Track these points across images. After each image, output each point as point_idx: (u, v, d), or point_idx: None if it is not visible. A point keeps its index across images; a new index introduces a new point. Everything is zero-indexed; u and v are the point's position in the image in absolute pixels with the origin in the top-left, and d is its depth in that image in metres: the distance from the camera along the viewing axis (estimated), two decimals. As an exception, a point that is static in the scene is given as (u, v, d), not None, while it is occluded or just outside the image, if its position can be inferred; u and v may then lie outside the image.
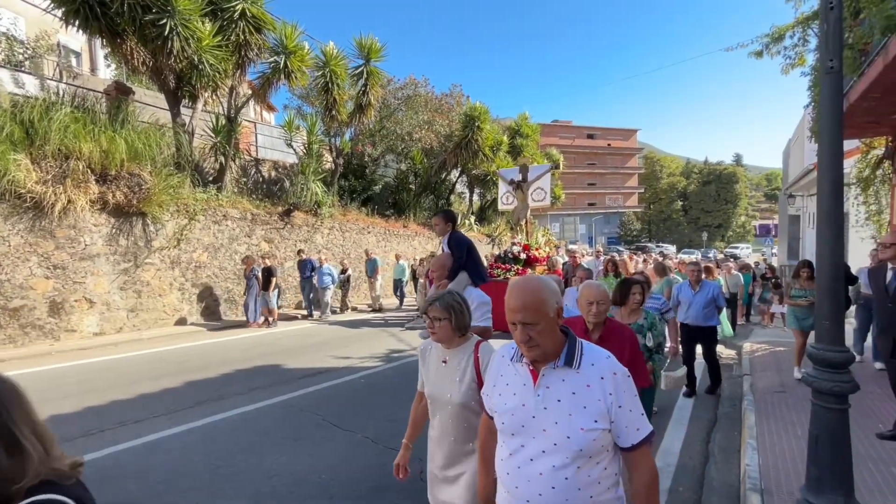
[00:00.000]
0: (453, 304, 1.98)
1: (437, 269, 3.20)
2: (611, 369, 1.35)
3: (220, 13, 10.00)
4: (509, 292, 1.37)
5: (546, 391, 1.35)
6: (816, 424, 2.65)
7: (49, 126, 7.59)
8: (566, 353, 1.37)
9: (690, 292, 5.57)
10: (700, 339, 5.55)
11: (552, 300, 1.35)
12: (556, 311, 1.35)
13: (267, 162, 14.01)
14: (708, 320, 5.44)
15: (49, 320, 7.59)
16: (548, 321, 1.33)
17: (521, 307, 1.32)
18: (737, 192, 56.48)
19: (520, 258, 10.65)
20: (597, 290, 2.55)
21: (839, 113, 2.55)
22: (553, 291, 1.37)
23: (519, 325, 1.32)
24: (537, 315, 1.31)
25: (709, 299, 5.43)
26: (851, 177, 7.86)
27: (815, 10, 6.14)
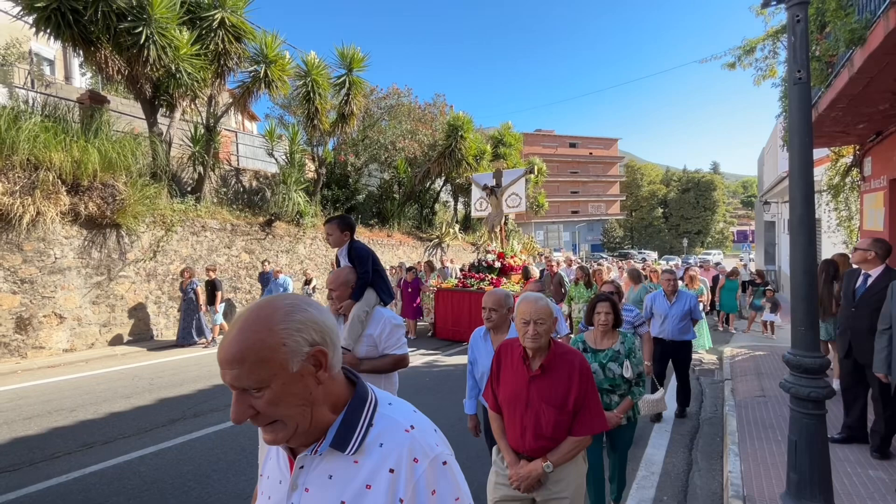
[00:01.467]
0: None
1: (338, 286, 2.58)
2: (410, 454, 0.81)
3: (198, 22, 9.87)
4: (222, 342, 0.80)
5: (303, 498, 0.84)
6: (795, 430, 2.67)
7: (17, 136, 7.33)
8: (337, 429, 0.83)
9: (666, 304, 5.03)
10: (674, 356, 5.01)
11: (295, 338, 0.78)
12: (307, 358, 0.79)
13: (248, 171, 13.81)
14: (684, 334, 4.95)
15: (15, 337, 7.27)
16: (285, 378, 0.78)
17: (230, 359, 0.76)
18: (715, 199, 57.92)
19: (494, 266, 10.20)
20: (534, 306, 2.00)
21: (808, 123, 2.61)
22: (298, 325, 0.80)
23: (234, 392, 0.78)
24: (259, 371, 0.76)
25: (685, 311, 4.93)
26: (822, 184, 8.11)
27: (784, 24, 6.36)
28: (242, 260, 11.09)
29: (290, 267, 12.23)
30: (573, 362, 2.03)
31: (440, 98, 20.42)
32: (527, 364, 2.06)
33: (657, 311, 5.08)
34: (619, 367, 2.82)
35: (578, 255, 38.37)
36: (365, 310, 2.56)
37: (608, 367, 2.83)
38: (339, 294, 2.59)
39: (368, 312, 2.57)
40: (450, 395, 5.69)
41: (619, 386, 2.84)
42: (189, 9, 9.76)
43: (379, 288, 2.71)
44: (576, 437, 2.00)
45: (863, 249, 3.78)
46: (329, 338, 0.84)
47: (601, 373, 2.82)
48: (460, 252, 18.63)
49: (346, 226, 2.82)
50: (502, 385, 2.13)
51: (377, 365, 2.48)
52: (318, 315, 0.84)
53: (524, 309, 2.02)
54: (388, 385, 2.59)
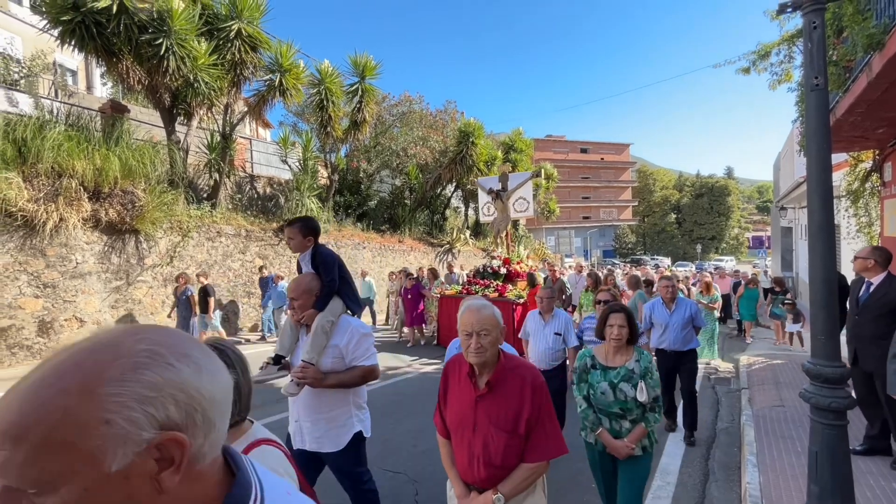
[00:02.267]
0: None
1: (300, 294, 2.38)
2: None
3: (215, 33, 10.11)
4: None
5: None
6: (815, 441, 2.62)
7: (42, 144, 7.57)
8: None
9: (665, 312, 4.75)
10: (679, 367, 4.71)
11: (130, 415, 0.49)
12: (146, 451, 0.50)
13: (262, 178, 14.03)
14: (687, 343, 4.67)
15: (38, 340, 7.45)
16: (90, 481, 0.47)
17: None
18: (729, 204, 57.06)
19: (500, 273, 9.88)
20: (476, 315, 1.76)
21: (826, 129, 2.58)
22: (146, 392, 0.50)
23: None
24: (45, 462, 0.46)
25: (686, 319, 4.66)
26: (841, 189, 7.96)
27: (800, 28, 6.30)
28: (256, 265, 11.23)
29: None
30: (524, 377, 1.78)
31: (451, 104, 20.56)
32: (473, 382, 1.81)
33: (657, 320, 4.82)
34: (633, 389, 2.49)
35: (590, 261, 38.10)
36: (330, 320, 2.38)
37: (619, 387, 2.52)
38: (302, 303, 2.39)
39: (334, 322, 2.39)
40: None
41: (630, 410, 2.50)
42: (207, 20, 10.02)
43: (345, 296, 2.52)
44: (529, 463, 1.75)
45: (862, 258, 3.83)
46: (201, 415, 0.53)
47: (611, 394, 2.52)
48: (471, 258, 18.62)
49: (308, 229, 2.56)
50: (449, 406, 1.91)
51: (344, 378, 2.34)
52: (190, 375, 0.53)
53: (466, 319, 1.78)
54: (356, 399, 2.49)
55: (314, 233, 2.58)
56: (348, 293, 2.55)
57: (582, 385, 2.66)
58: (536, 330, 4.31)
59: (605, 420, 2.58)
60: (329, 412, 2.38)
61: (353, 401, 2.47)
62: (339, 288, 2.50)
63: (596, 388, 2.57)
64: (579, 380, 2.68)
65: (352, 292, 2.59)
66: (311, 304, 2.39)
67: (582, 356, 2.72)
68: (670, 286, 4.82)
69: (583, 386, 2.66)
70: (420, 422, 5.09)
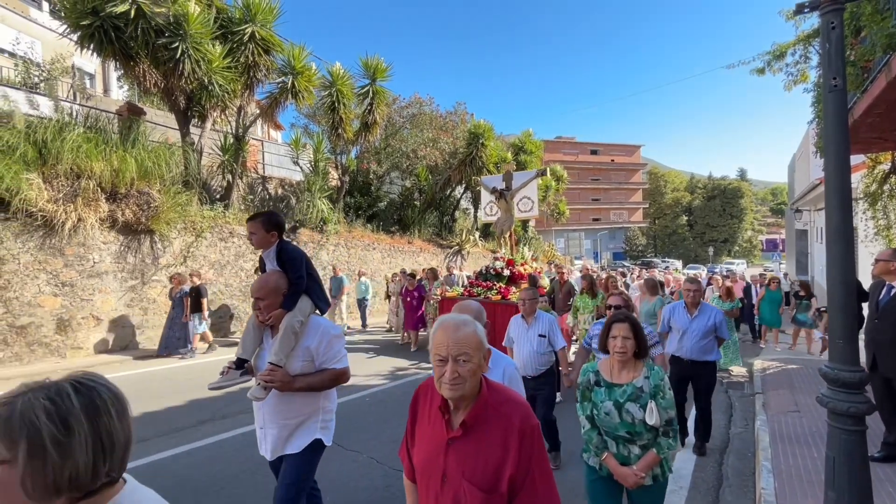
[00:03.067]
0: None
1: (266, 293, 2.23)
2: None
3: (230, 36, 10.27)
4: None
5: None
6: (833, 446, 2.57)
7: (62, 146, 7.75)
8: None
9: (686, 317, 4.34)
10: (695, 379, 4.32)
11: None
12: None
13: (274, 179, 14.18)
14: (706, 354, 4.24)
15: (56, 338, 7.62)
16: None
17: None
18: (742, 206, 56.30)
19: (503, 274, 9.47)
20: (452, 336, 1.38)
21: (845, 131, 2.55)
22: None
23: None
24: None
25: (708, 327, 4.22)
26: (858, 192, 7.82)
27: (816, 28, 6.21)
28: (268, 265, 11.35)
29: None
30: (512, 417, 1.36)
31: (461, 106, 20.60)
32: (446, 420, 1.42)
33: (675, 324, 4.42)
34: (641, 410, 2.20)
35: (600, 264, 37.83)
36: (299, 319, 2.24)
37: (626, 408, 2.23)
38: (269, 303, 2.23)
39: (304, 322, 2.27)
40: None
41: (639, 434, 2.23)
42: (222, 24, 10.18)
43: (314, 294, 2.38)
44: None
45: (884, 260, 3.77)
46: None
47: (616, 415, 2.25)
48: (480, 259, 18.61)
49: (272, 224, 2.41)
50: (416, 444, 1.53)
51: (313, 382, 2.22)
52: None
53: (439, 339, 1.39)
54: (326, 403, 2.38)
55: (278, 228, 2.44)
56: (317, 292, 2.40)
57: (585, 404, 2.39)
58: (520, 334, 4.05)
59: (612, 444, 2.31)
60: (296, 417, 2.26)
61: (323, 405, 2.35)
62: (308, 286, 2.36)
63: (600, 408, 2.32)
64: (582, 397, 2.42)
65: (320, 291, 2.45)
66: (278, 303, 2.24)
67: (585, 371, 2.46)
68: (693, 290, 4.37)
69: (586, 405, 2.39)
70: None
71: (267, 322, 2.26)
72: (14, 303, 7.18)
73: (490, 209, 10.82)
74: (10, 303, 7.14)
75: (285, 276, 2.31)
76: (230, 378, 2.31)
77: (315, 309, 2.38)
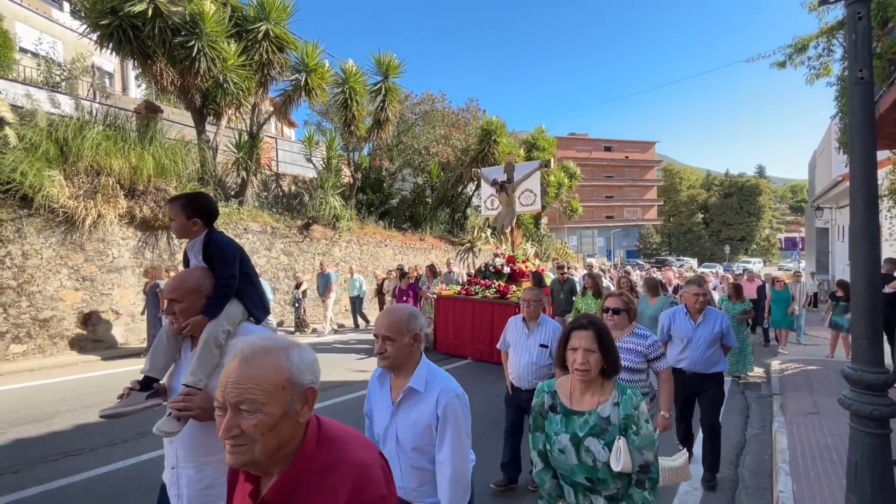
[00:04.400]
0: None
1: (183, 294, 1.77)
2: None
3: (244, 34, 10.37)
4: None
5: None
6: (855, 449, 2.51)
7: (82, 144, 7.92)
8: None
9: (689, 324, 3.76)
10: (699, 393, 3.75)
11: None
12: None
13: (287, 176, 14.32)
14: (712, 365, 3.70)
15: (77, 331, 7.81)
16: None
17: None
18: (760, 204, 55.14)
19: (503, 272, 8.98)
20: (236, 372, 0.95)
21: (871, 125, 2.47)
22: None
23: None
24: None
25: (714, 335, 3.68)
26: (883, 188, 7.60)
27: (840, 20, 6.03)
28: (281, 262, 11.48)
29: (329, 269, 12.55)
30: (336, 495, 0.94)
31: (473, 103, 20.53)
32: (251, 490, 1.02)
33: (677, 332, 3.81)
34: (605, 450, 1.65)
35: (613, 262, 37.45)
36: (225, 329, 1.79)
37: (586, 444, 1.68)
38: (186, 306, 1.76)
39: (231, 332, 1.81)
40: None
41: (603, 482, 1.67)
42: (237, 22, 10.30)
43: (248, 298, 1.95)
44: None
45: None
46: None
47: (572, 453, 1.69)
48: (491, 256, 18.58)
49: (194, 209, 1.91)
50: None
51: None
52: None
53: (224, 378, 0.95)
54: None
55: (204, 214, 1.94)
56: (252, 296, 1.97)
57: (537, 435, 1.84)
58: (518, 340, 3.57)
59: (569, 492, 1.77)
60: (221, 453, 1.62)
61: None
62: (241, 288, 1.92)
63: (553, 443, 1.75)
64: (534, 425, 1.86)
65: (257, 295, 2.00)
66: (199, 307, 1.79)
67: (540, 391, 1.88)
68: (700, 294, 3.74)
69: (538, 436, 1.83)
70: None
71: (184, 331, 1.78)
72: (37, 297, 7.38)
73: (491, 202, 10.26)
74: (34, 296, 7.34)
75: (211, 275, 1.87)
76: (132, 402, 1.79)
77: (247, 316, 1.94)
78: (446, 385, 1.70)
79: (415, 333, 1.73)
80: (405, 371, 1.74)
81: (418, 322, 1.75)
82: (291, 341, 1.05)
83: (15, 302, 7.16)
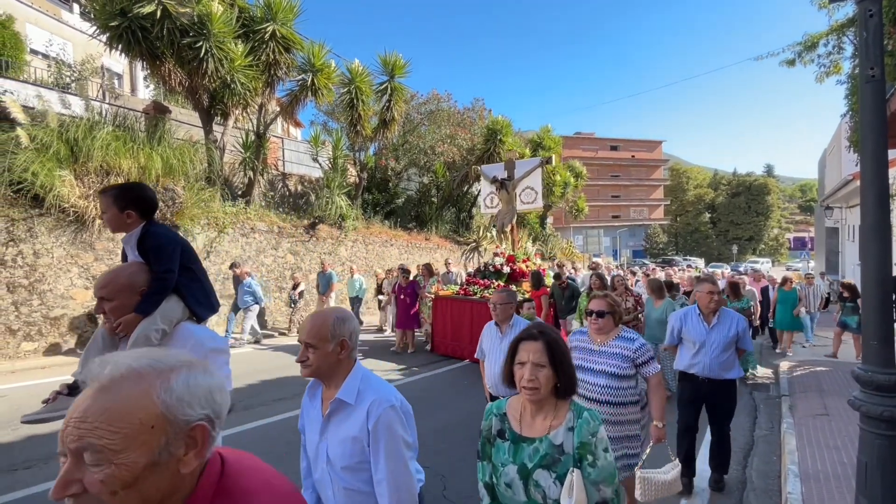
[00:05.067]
0: None
1: (115, 292, 1.66)
2: None
3: (251, 34, 10.43)
4: None
5: None
6: (865, 451, 2.49)
7: (92, 144, 8.01)
8: None
9: (702, 327, 3.51)
10: (712, 401, 3.50)
11: None
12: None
13: (293, 176, 14.39)
14: (726, 370, 3.45)
15: (87, 329, 7.90)
16: None
17: None
18: (768, 203, 54.63)
19: (502, 272, 8.73)
20: (82, 406, 0.70)
21: (883, 123, 2.44)
22: None
23: None
24: None
25: (730, 338, 3.44)
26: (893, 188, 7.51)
27: (851, 18, 5.96)
28: (288, 261, 11.54)
29: (332, 268, 12.61)
30: None
31: (479, 102, 20.48)
32: None
33: (689, 335, 3.56)
34: (557, 484, 1.44)
35: (619, 261, 37.27)
36: (160, 328, 1.67)
37: (534, 478, 1.47)
38: (118, 304, 1.64)
39: (166, 332, 1.70)
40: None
41: None
42: (244, 23, 10.36)
43: (191, 296, 1.81)
44: None
45: None
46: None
47: (520, 488, 1.49)
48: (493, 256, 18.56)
49: (128, 200, 1.77)
50: None
51: None
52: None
53: (68, 412, 0.73)
54: None
55: (139, 205, 1.80)
56: (195, 291, 1.82)
57: (485, 464, 1.62)
58: (492, 346, 3.45)
59: None
60: None
61: None
62: (181, 284, 1.78)
63: (500, 475, 1.53)
64: (482, 452, 1.63)
65: (201, 290, 1.86)
66: (132, 305, 1.66)
67: (489, 412, 1.65)
68: (716, 294, 3.50)
69: (485, 466, 1.61)
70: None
71: (117, 331, 1.67)
72: (48, 295, 7.47)
73: (490, 200, 9.98)
74: (45, 295, 7.44)
75: (147, 270, 1.74)
76: (58, 406, 1.61)
77: (189, 315, 1.80)
78: (380, 395, 1.49)
79: (341, 340, 1.51)
80: (335, 381, 1.54)
81: (347, 327, 1.54)
82: (183, 361, 0.79)
83: (26, 300, 7.26)
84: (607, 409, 2.49)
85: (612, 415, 2.50)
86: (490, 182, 9.82)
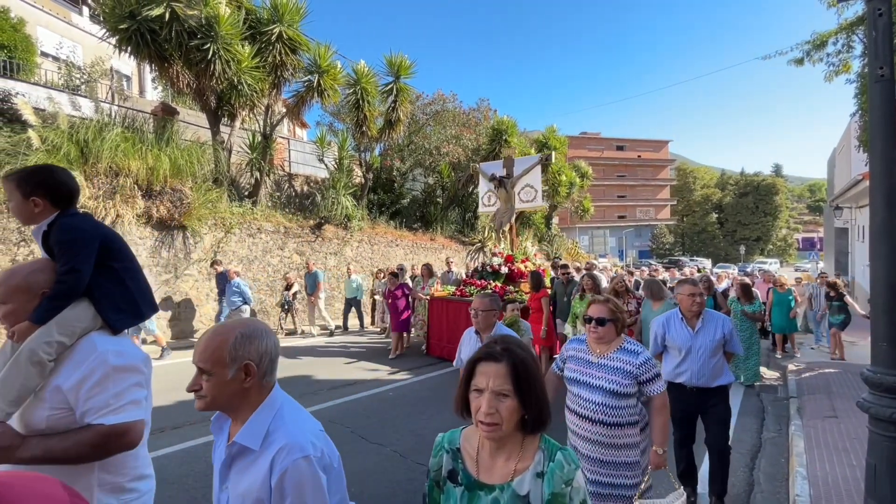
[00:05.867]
0: None
1: (9, 293, 1.41)
2: None
3: (258, 36, 10.51)
4: None
5: None
6: (874, 453, 2.47)
7: (101, 145, 8.11)
8: None
9: (686, 331, 3.25)
10: (704, 410, 3.26)
11: None
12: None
13: (299, 177, 14.46)
14: (716, 377, 3.20)
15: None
16: None
17: None
18: (776, 203, 54.14)
19: (500, 272, 8.50)
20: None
21: (892, 122, 2.43)
22: None
23: None
24: None
25: (716, 342, 3.18)
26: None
27: (860, 16, 5.91)
28: (294, 261, 11.60)
29: (338, 268, 12.65)
30: None
31: (484, 102, 20.50)
32: None
33: (673, 341, 3.29)
34: None
35: (625, 262, 37.09)
36: (55, 340, 1.37)
37: None
38: (13, 308, 1.40)
39: (64, 345, 1.39)
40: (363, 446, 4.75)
41: None
42: (251, 25, 10.44)
43: (108, 301, 1.51)
44: None
45: None
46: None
47: None
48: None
49: (33, 185, 1.49)
50: None
51: (53, 448, 1.29)
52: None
53: None
54: (112, 476, 1.40)
55: (47, 192, 1.50)
56: (114, 296, 1.53)
57: None
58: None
59: None
60: None
61: (103, 480, 1.38)
62: (95, 285, 1.49)
63: None
64: (429, 499, 1.29)
65: (123, 295, 1.56)
66: (29, 308, 1.40)
67: (439, 447, 1.32)
68: (696, 295, 3.22)
69: None
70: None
71: (14, 340, 1.41)
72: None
73: (488, 199, 9.68)
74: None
75: (52, 270, 1.46)
76: None
77: (102, 323, 1.49)
78: (292, 441, 1.13)
79: (244, 364, 1.17)
80: (241, 417, 1.21)
81: (254, 346, 1.20)
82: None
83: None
84: (602, 429, 2.23)
85: (608, 437, 2.24)
86: (488, 180, 9.61)
